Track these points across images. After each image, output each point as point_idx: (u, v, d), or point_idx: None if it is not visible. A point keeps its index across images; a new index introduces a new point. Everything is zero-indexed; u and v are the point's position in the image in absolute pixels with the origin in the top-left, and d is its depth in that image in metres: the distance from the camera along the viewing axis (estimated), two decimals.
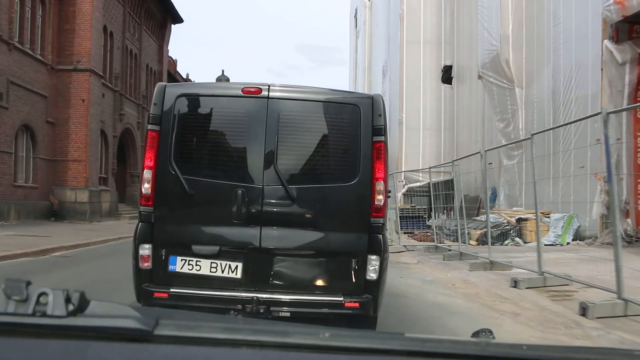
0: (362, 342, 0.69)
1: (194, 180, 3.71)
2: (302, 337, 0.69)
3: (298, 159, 3.84)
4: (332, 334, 0.69)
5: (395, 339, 0.71)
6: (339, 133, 3.90)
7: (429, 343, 0.69)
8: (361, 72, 34.57)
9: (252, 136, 3.73)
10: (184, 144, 3.80)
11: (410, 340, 0.70)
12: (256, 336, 0.68)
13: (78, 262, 8.76)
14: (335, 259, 3.71)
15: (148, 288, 3.62)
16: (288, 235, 3.72)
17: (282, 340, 0.68)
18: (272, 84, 3.78)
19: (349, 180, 3.73)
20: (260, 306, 3.51)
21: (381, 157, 3.74)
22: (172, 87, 3.92)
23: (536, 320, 4.64)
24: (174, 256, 3.67)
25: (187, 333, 0.67)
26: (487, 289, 6.23)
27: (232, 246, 3.68)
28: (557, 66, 13.10)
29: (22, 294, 0.65)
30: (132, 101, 27.12)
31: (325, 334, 0.68)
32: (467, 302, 5.58)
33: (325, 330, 0.69)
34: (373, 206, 3.71)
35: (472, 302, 5.59)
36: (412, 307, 5.38)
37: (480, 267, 7.87)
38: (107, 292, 5.54)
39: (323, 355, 0.68)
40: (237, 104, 3.80)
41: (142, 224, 3.73)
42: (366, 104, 3.80)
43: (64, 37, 19.76)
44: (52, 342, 0.66)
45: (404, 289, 6.34)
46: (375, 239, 3.69)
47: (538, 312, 4.98)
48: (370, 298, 3.62)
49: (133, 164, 28.88)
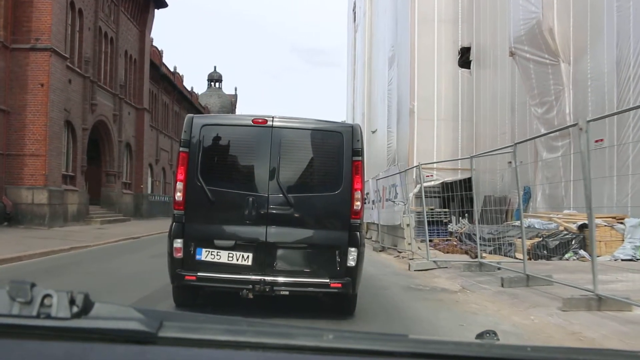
0: (365, 344, 0.79)
1: (215, 190, 5.51)
2: (305, 339, 0.79)
3: (295, 173, 5.66)
4: (336, 335, 0.79)
5: (399, 340, 0.81)
6: (326, 154, 5.74)
7: (432, 345, 0.79)
8: (360, 68, 34.40)
9: (259, 156, 5.53)
10: (208, 162, 5.60)
11: (414, 342, 0.80)
12: (259, 338, 0.78)
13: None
14: (323, 250, 5.48)
15: (180, 272, 5.38)
16: (287, 232, 5.49)
17: (285, 342, 0.78)
18: (275, 116, 5.59)
19: (334, 190, 5.53)
20: (266, 286, 5.21)
21: (358, 172, 5.51)
22: (198, 118, 5.84)
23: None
24: (200, 248, 5.41)
25: (190, 335, 0.77)
26: None
27: (244, 241, 5.43)
28: (624, 30, 11.52)
29: (27, 295, 0.75)
30: (107, 91, 26.41)
31: (328, 336, 0.78)
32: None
33: (329, 332, 0.79)
34: (352, 210, 5.49)
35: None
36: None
37: (582, 305, 5.71)
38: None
39: (326, 357, 0.78)
40: (249, 132, 5.66)
41: (176, 223, 5.49)
42: (348, 131, 5.62)
43: (20, 10, 18.64)
44: (56, 344, 0.76)
45: None
46: (354, 235, 5.47)
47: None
48: (350, 280, 5.38)
49: (109, 162, 28.33)
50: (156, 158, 37.65)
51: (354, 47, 38.64)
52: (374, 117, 29.00)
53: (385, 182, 16.79)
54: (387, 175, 17.05)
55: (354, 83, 39.25)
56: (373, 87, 29.81)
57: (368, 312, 6.13)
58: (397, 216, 14.17)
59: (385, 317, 6.08)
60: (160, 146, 38.82)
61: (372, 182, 19.18)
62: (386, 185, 16.43)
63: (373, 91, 29.82)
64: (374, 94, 29.60)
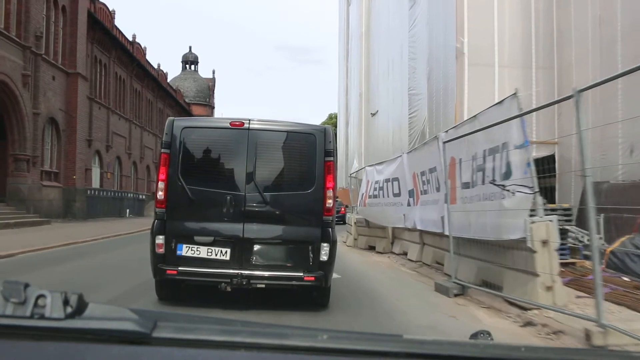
0: (360, 344, 0.79)
1: (195, 189, 5.85)
2: (300, 339, 0.80)
3: (270, 173, 6.00)
4: (330, 336, 0.79)
5: (394, 341, 0.82)
6: (300, 154, 6.07)
7: (427, 345, 0.80)
8: (356, 42, 32.57)
9: (237, 157, 5.90)
10: (188, 162, 5.94)
11: (409, 342, 0.81)
12: (254, 338, 0.79)
13: None
14: (297, 246, 5.84)
15: (162, 267, 5.73)
16: (263, 229, 5.83)
17: (280, 343, 0.79)
18: (251, 119, 5.96)
19: (307, 189, 5.89)
20: (243, 279, 5.60)
21: (330, 172, 5.89)
22: (179, 121, 6.16)
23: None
24: (180, 244, 5.76)
25: (185, 335, 0.78)
26: None
27: (223, 237, 5.78)
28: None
29: (20, 296, 0.76)
30: (12, 41, 19.37)
31: (323, 336, 0.79)
32: None
33: (323, 333, 0.80)
34: (324, 207, 5.85)
35: None
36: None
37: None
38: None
39: (321, 358, 0.78)
40: (227, 134, 5.98)
41: (158, 221, 5.84)
42: (320, 133, 5.99)
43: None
44: (50, 344, 0.76)
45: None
46: (326, 232, 5.83)
47: None
48: (322, 274, 5.75)
49: (20, 142, 20.43)
50: (107, 144, 31.01)
51: (347, 23, 37.91)
52: (374, 97, 26.34)
53: (416, 164, 10.63)
54: (417, 156, 10.82)
55: (346, 64, 38.43)
56: (373, 60, 27.15)
57: None
58: (511, 223, 6.18)
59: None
60: (114, 130, 32.26)
61: (370, 172, 14.83)
62: (417, 171, 10.49)
63: (373, 65, 27.07)
64: (373, 70, 26.72)
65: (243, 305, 5.88)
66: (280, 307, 6.06)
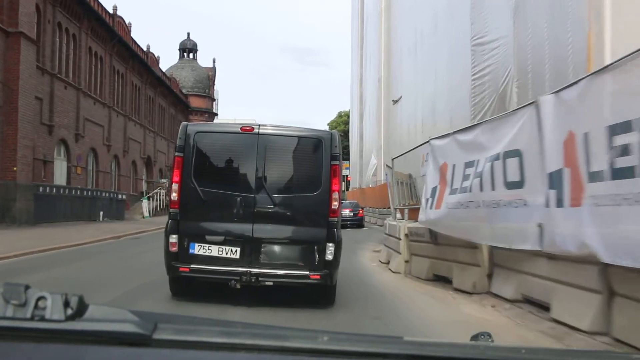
0: (360, 346, 0.80)
1: (207, 191, 6.17)
2: (301, 341, 0.80)
3: (279, 176, 6.34)
4: (331, 337, 0.80)
5: (394, 342, 0.82)
6: (307, 158, 6.47)
7: (427, 347, 0.80)
8: (373, 23, 30.96)
9: (247, 160, 6.24)
10: (200, 165, 6.27)
11: (409, 344, 0.81)
12: (254, 340, 0.79)
13: None
14: (304, 245, 6.13)
15: (175, 264, 6.08)
16: (272, 229, 6.12)
17: (280, 344, 0.79)
18: (261, 124, 6.31)
19: (314, 191, 6.19)
20: (252, 277, 5.91)
21: (336, 175, 6.19)
22: (192, 126, 6.53)
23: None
24: (193, 243, 6.07)
25: (185, 337, 0.78)
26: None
27: (233, 236, 6.09)
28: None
29: (21, 297, 0.76)
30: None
31: (323, 338, 0.79)
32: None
33: (324, 334, 0.80)
34: (330, 209, 6.12)
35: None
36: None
37: None
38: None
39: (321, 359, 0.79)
40: (237, 138, 6.36)
41: (171, 220, 6.19)
42: (327, 138, 6.29)
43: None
44: (51, 346, 0.76)
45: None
46: (332, 232, 6.12)
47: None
48: (328, 272, 6.04)
49: None
50: (76, 132, 25.72)
51: (362, 3, 36.90)
52: (396, 81, 24.60)
53: (582, 116, 4.71)
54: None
55: (360, 52, 37.50)
56: (395, 36, 25.32)
57: None
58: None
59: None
60: (87, 116, 26.92)
61: (443, 148, 8.08)
62: (580, 130, 4.65)
63: (395, 42, 25.19)
64: (396, 47, 24.73)
65: (253, 302, 6.18)
66: (287, 305, 6.25)
